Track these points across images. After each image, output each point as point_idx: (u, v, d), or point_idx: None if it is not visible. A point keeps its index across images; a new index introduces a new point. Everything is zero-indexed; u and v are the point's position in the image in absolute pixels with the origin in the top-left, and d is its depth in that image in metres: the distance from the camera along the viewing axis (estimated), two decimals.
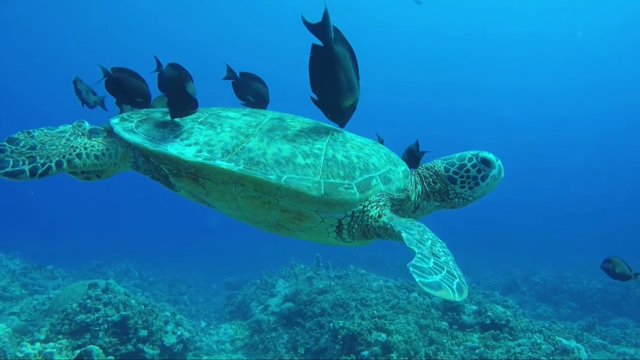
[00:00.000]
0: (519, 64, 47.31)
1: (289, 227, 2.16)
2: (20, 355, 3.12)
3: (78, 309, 6.12)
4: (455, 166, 2.30)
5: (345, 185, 1.99)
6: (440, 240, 1.92)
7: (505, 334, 5.82)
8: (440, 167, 2.38)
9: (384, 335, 5.56)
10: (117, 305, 6.30)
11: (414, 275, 1.53)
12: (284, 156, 2.02)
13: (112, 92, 2.49)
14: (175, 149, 2.05)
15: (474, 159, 2.27)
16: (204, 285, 16.27)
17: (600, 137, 47.92)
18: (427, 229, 1.96)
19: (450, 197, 2.38)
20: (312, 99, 2.14)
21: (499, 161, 2.28)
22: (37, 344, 3.23)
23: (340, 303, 7.58)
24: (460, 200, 2.35)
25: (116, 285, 6.77)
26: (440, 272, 1.60)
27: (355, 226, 2.11)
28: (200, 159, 1.99)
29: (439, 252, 1.78)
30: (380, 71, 47.40)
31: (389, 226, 1.96)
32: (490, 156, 2.25)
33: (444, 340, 5.81)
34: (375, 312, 6.31)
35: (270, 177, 1.92)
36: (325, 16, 1.96)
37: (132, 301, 6.58)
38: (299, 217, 2.06)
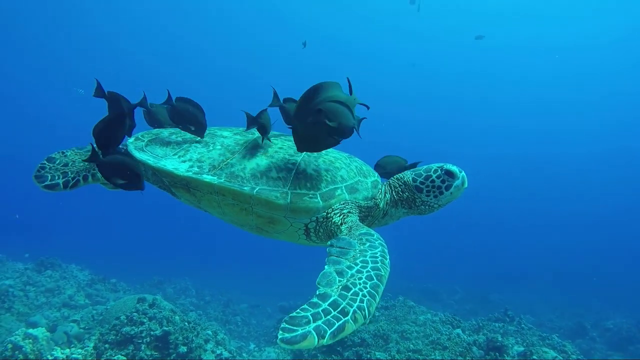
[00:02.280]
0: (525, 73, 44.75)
1: (266, 229, 2.50)
2: (50, 358, 3.42)
3: (125, 321, 6.49)
4: (422, 177, 2.51)
5: (310, 195, 2.29)
6: (382, 256, 2.00)
7: None
8: (408, 177, 2.60)
9: None
10: (161, 320, 6.60)
11: (279, 333, 1.57)
12: (261, 170, 2.35)
13: (175, 121, 2.71)
14: (172, 164, 2.45)
15: (439, 170, 2.48)
16: (260, 308, 16.49)
17: None
18: (376, 244, 2.07)
19: (417, 204, 2.59)
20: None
21: (463, 172, 2.47)
22: (67, 350, 3.51)
23: (381, 334, 7.44)
24: (427, 207, 2.57)
25: (162, 301, 7.11)
26: (322, 318, 1.64)
27: (321, 230, 2.40)
28: (190, 174, 2.36)
29: (356, 282, 1.83)
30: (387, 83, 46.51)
31: (345, 235, 2.17)
32: (453, 168, 2.46)
33: None
34: (411, 346, 6.16)
35: (245, 188, 2.27)
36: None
37: (176, 317, 6.86)
38: (272, 222, 2.40)
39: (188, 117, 2.60)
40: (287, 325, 1.59)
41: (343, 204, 2.36)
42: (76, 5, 35.61)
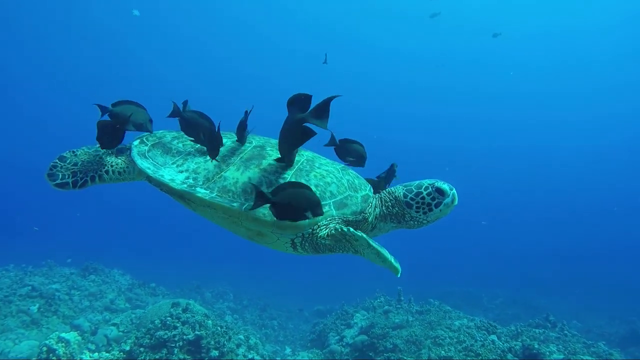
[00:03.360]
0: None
1: (256, 240, 2.59)
2: None
3: (159, 325, 6.67)
4: (413, 193, 2.54)
5: None
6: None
7: None
8: (400, 192, 2.63)
9: None
10: (193, 324, 6.75)
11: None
12: (252, 185, 2.34)
13: (187, 133, 2.73)
14: (169, 175, 2.52)
15: (430, 187, 2.51)
16: (296, 312, 16.55)
17: None
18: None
19: (406, 219, 2.63)
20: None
21: (453, 190, 2.50)
22: (96, 354, 3.65)
23: (413, 340, 7.32)
24: (415, 222, 2.60)
25: (196, 305, 7.25)
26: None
27: (307, 244, 2.47)
28: (184, 187, 2.43)
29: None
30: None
31: (333, 245, 2.36)
32: (444, 186, 2.48)
33: None
34: (443, 352, 6.03)
35: (234, 204, 2.33)
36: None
37: (209, 322, 6.99)
38: (260, 234, 2.49)
39: (201, 130, 2.61)
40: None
41: (329, 219, 2.40)
42: (80, 3, 36.01)
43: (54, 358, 3.82)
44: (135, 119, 2.67)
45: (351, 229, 2.18)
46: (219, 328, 6.98)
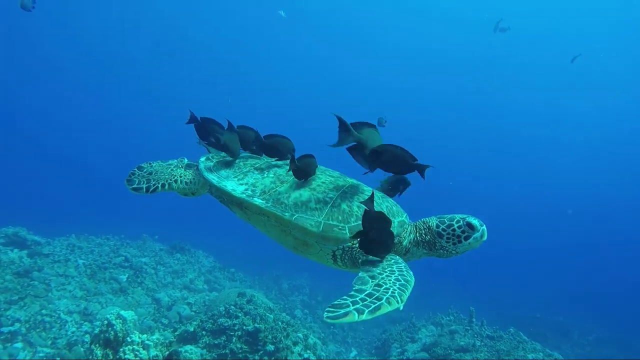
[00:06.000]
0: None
1: (301, 250, 2.85)
2: (128, 339, 3.85)
3: (223, 312, 6.98)
4: (445, 224, 2.70)
5: (340, 227, 2.60)
6: (406, 269, 2.39)
7: None
8: (433, 223, 2.79)
9: None
10: (254, 316, 6.97)
11: (324, 314, 1.92)
12: (302, 200, 2.72)
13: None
14: (231, 186, 2.92)
15: (461, 221, 2.66)
16: None
17: None
18: (399, 261, 2.47)
19: (436, 248, 2.78)
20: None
21: (484, 226, 2.64)
22: (144, 335, 3.91)
23: None
24: (445, 252, 2.74)
25: (261, 297, 7.48)
26: (359, 303, 2.00)
27: (346, 257, 2.70)
28: (244, 196, 2.80)
29: (387, 282, 2.21)
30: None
31: (368, 260, 2.51)
32: (475, 222, 2.63)
33: None
34: None
35: (286, 214, 2.65)
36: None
37: (270, 316, 7.18)
38: (305, 244, 2.75)
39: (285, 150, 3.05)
40: (330, 309, 1.93)
41: None
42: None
43: (111, 332, 4.15)
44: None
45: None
46: (279, 323, 7.14)
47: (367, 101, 41.98)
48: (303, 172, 2.84)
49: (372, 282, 2.23)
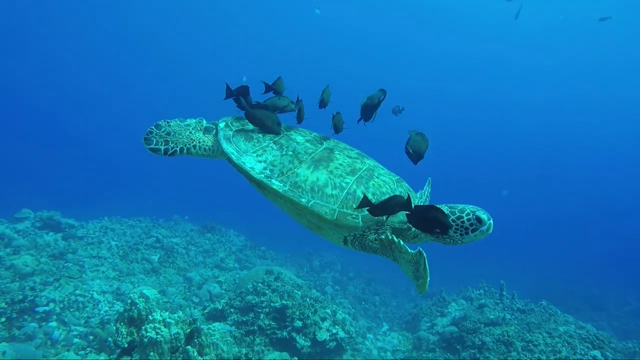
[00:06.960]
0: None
1: (314, 230, 2.94)
2: (150, 317, 3.85)
3: (251, 289, 7.00)
4: (455, 215, 2.70)
5: (353, 216, 2.65)
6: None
7: None
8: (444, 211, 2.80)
9: None
10: (282, 293, 6.96)
11: None
12: (319, 185, 2.75)
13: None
14: (249, 163, 2.91)
15: (471, 214, 2.69)
16: (403, 290, 16.26)
17: None
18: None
19: (443, 235, 2.78)
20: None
21: (491, 220, 2.67)
22: (166, 313, 3.91)
23: (504, 340, 6.72)
24: (451, 240, 2.77)
25: (288, 274, 7.45)
26: None
27: (356, 242, 2.79)
28: (262, 177, 2.81)
29: None
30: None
31: (377, 249, 2.69)
32: (483, 216, 2.66)
33: None
34: None
35: (302, 200, 2.69)
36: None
37: (298, 293, 7.15)
38: (319, 227, 2.84)
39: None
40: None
41: (379, 225, 2.70)
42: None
43: (135, 310, 4.17)
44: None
45: (402, 242, 2.42)
46: (307, 300, 7.11)
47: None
48: (256, 120, 2.93)
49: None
